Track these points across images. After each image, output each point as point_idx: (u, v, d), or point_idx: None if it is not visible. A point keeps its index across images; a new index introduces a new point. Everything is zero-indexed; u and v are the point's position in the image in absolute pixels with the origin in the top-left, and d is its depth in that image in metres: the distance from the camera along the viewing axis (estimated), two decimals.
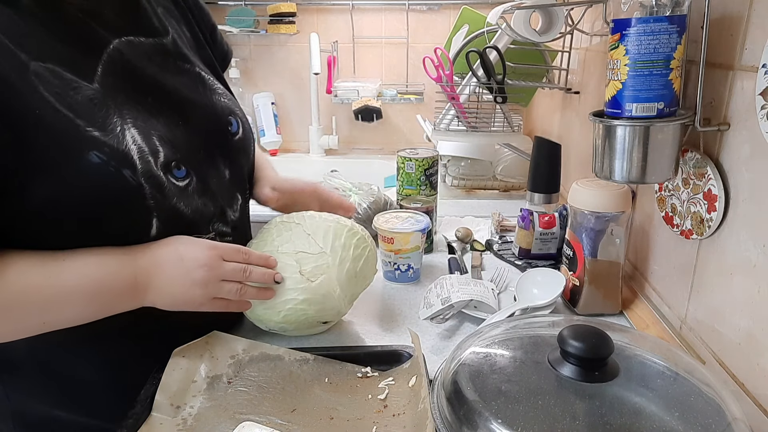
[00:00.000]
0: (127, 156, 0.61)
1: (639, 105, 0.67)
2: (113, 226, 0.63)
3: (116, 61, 0.65)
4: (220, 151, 0.75)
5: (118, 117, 0.62)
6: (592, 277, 0.84)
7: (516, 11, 1.15)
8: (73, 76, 0.60)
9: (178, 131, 0.69)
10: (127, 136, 0.62)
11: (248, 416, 0.61)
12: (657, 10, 0.65)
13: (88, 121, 0.59)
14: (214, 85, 0.78)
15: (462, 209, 1.37)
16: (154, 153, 0.64)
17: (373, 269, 0.82)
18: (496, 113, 1.37)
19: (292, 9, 1.81)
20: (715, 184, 0.67)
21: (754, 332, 0.62)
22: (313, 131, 1.96)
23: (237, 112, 0.80)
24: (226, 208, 0.76)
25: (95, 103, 0.61)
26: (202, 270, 0.65)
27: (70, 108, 0.58)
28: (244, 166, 0.82)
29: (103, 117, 0.61)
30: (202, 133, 0.72)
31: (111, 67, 0.64)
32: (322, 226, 0.77)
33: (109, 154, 0.60)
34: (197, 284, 0.65)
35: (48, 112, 0.57)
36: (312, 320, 0.75)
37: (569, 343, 0.55)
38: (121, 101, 0.64)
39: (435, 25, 1.88)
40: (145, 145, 0.64)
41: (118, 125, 0.62)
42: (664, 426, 0.49)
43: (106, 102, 0.62)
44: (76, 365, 0.72)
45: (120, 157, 0.61)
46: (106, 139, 0.60)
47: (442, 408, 0.57)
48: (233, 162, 0.78)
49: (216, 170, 0.75)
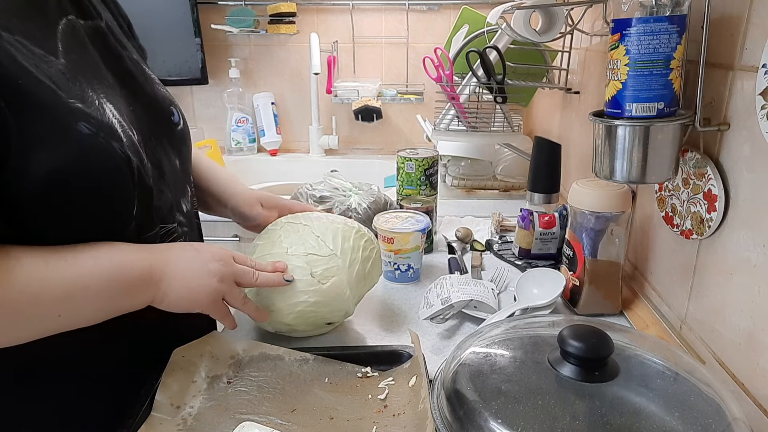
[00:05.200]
0: (113, 128, 0.60)
1: (639, 105, 0.67)
2: (108, 205, 0.61)
3: (69, 39, 0.62)
4: (167, 140, 0.73)
5: (92, 91, 0.60)
6: (592, 277, 0.84)
7: (516, 11, 1.15)
8: (41, 50, 0.57)
9: (133, 115, 0.67)
10: (107, 109, 0.61)
11: (248, 416, 0.61)
12: (657, 10, 0.65)
13: (68, 93, 0.57)
14: (151, 74, 0.76)
15: (462, 209, 1.37)
16: (131, 128, 0.63)
17: (379, 270, 0.83)
18: (496, 113, 1.37)
19: (292, 9, 1.81)
20: (715, 184, 0.67)
21: (754, 332, 0.62)
22: (313, 131, 1.96)
23: (175, 102, 0.78)
24: (180, 198, 0.75)
25: (68, 77, 0.58)
26: (218, 263, 0.66)
27: (49, 79, 0.56)
28: (187, 158, 0.79)
29: (79, 90, 0.59)
30: (151, 120, 0.70)
31: (68, 45, 0.61)
32: (330, 228, 0.77)
33: (96, 125, 0.58)
34: (213, 274, 0.65)
35: (31, 81, 0.54)
36: (320, 321, 0.76)
37: (569, 343, 0.55)
38: (88, 77, 0.61)
39: (435, 25, 1.88)
40: (123, 120, 0.62)
41: (95, 99, 0.60)
42: (664, 426, 0.49)
43: (76, 77, 0.60)
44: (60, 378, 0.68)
45: (107, 129, 0.59)
46: (90, 111, 0.58)
47: (442, 408, 0.57)
48: (179, 152, 0.76)
49: (167, 158, 0.73)
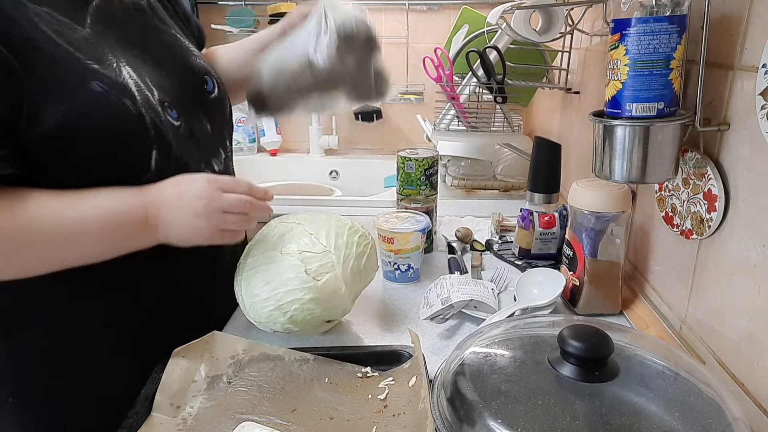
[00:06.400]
0: (126, 87, 0.66)
1: (639, 105, 0.67)
2: (118, 157, 0.67)
3: (101, 13, 0.69)
4: (199, 105, 0.80)
5: (112, 56, 0.67)
6: (592, 277, 0.84)
7: (516, 11, 1.15)
8: (67, 19, 0.65)
9: (164, 81, 0.73)
10: (124, 72, 0.67)
11: (248, 416, 0.61)
12: (657, 10, 0.65)
13: (87, 55, 0.64)
14: (190, 47, 0.82)
15: (462, 209, 1.37)
16: (150, 90, 0.70)
17: (375, 265, 0.83)
18: (496, 113, 1.37)
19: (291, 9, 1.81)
20: (715, 184, 0.67)
21: (754, 332, 0.62)
22: (313, 131, 1.96)
23: (212, 72, 0.84)
24: (211, 158, 0.81)
25: (90, 42, 0.66)
26: (201, 202, 0.67)
27: (69, 43, 0.63)
28: (223, 124, 0.85)
29: (99, 54, 0.66)
30: (182, 87, 0.76)
31: (97, 18, 0.69)
32: (323, 225, 0.78)
33: (109, 84, 0.65)
34: (199, 216, 0.67)
35: (50, 45, 0.62)
36: (318, 320, 0.75)
37: (569, 343, 0.55)
38: (112, 45, 0.69)
39: (435, 25, 1.88)
40: (141, 83, 0.69)
41: (114, 62, 0.67)
42: (664, 426, 0.49)
43: (100, 43, 0.67)
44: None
45: (119, 88, 0.66)
46: (105, 72, 0.65)
47: (442, 408, 0.56)
48: (213, 118, 0.82)
49: (199, 122, 0.79)
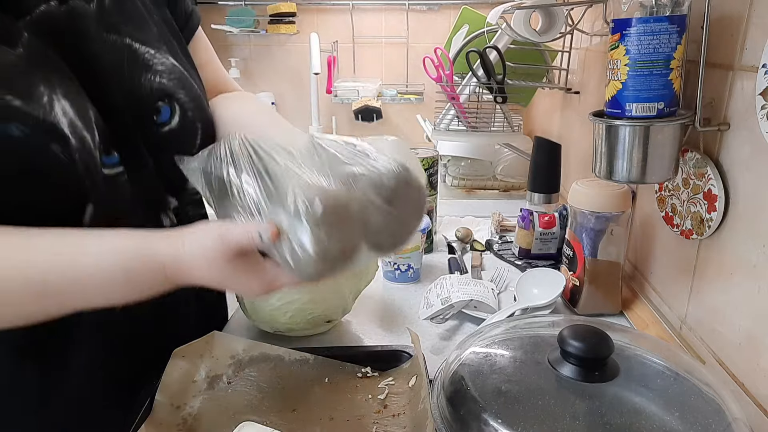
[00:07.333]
0: (55, 128, 0.54)
1: (639, 105, 0.67)
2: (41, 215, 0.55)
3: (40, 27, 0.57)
4: (143, 141, 0.64)
5: (45, 87, 0.55)
6: (592, 277, 0.84)
7: (516, 11, 1.15)
8: None
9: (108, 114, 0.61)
10: (56, 108, 0.55)
11: (248, 416, 0.61)
12: (657, 10, 0.65)
13: (10, 89, 0.53)
14: (150, 60, 0.65)
15: (462, 209, 1.37)
16: (89, 128, 0.57)
17: (375, 264, 0.83)
18: (496, 113, 1.37)
19: (292, 9, 1.81)
20: (715, 184, 0.67)
21: (754, 332, 0.62)
22: (313, 131, 1.96)
23: (176, 93, 0.66)
24: (161, 212, 0.68)
25: (19, 70, 0.54)
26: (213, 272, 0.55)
27: None
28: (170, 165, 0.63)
29: (27, 85, 0.54)
30: (129, 119, 0.63)
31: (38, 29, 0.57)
32: None
33: (33, 126, 0.53)
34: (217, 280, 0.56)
35: None
36: (318, 319, 0.75)
37: (569, 343, 0.55)
38: (49, 70, 0.56)
39: (435, 25, 1.88)
40: (79, 120, 0.56)
41: (45, 95, 0.55)
42: (664, 426, 0.49)
43: (31, 69, 0.55)
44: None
45: (47, 129, 0.54)
46: (30, 110, 0.53)
47: (442, 408, 0.56)
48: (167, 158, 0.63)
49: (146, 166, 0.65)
